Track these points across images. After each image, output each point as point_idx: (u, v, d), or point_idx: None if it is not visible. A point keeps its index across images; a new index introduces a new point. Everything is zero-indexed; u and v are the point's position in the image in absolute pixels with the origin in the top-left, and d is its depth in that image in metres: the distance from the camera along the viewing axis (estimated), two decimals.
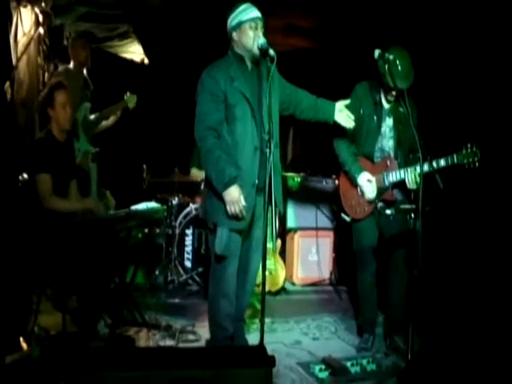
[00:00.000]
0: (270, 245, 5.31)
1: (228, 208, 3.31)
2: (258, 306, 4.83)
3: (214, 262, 3.54)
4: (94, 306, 3.62)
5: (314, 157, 6.87)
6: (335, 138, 4.11)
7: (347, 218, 4.10)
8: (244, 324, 3.87)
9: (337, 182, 5.88)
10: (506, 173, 4.19)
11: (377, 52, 3.64)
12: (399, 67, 3.65)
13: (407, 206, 3.60)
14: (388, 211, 3.76)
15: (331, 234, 5.97)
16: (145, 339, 3.93)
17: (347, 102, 3.81)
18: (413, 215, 3.35)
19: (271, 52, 3.20)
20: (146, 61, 7.10)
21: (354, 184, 4.03)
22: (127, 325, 4.08)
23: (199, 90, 3.42)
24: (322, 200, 5.95)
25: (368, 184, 3.96)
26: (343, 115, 3.78)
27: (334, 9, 5.13)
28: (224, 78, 3.35)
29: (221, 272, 3.51)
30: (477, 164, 3.49)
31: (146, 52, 6.78)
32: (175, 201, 5.56)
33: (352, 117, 3.79)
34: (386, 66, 3.60)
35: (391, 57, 3.63)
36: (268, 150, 3.06)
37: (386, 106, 4.02)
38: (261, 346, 2.86)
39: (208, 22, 5.44)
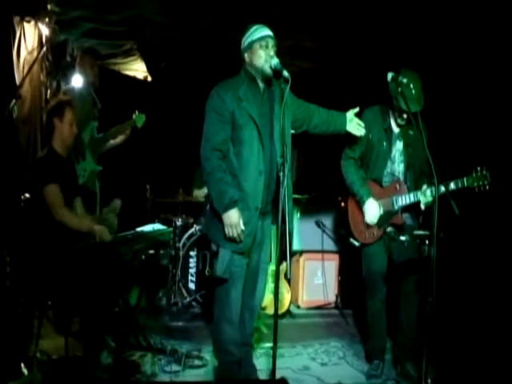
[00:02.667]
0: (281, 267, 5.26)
1: (226, 231, 3.27)
2: (265, 330, 4.75)
3: (217, 285, 3.47)
4: (97, 329, 3.51)
5: (318, 178, 6.82)
6: (343, 160, 4.07)
7: (356, 243, 4.04)
8: (251, 349, 3.78)
9: (343, 204, 5.78)
10: None
11: (390, 75, 3.62)
12: (413, 91, 3.63)
13: (421, 232, 3.54)
14: (403, 237, 3.70)
15: (337, 256, 5.91)
16: (150, 364, 3.82)
17: (356, 110, 3.78)
18: (427, 241, 3.28)
19: (285, 73, 3.16)
20: (149, 78, 7.06)
21: (362, 206, 3.97)
22: (132, 349, 3.97)
23: (207, 109, 3.37)
24: (328, 222, 5.90)
25: (372, 211, 3.91)
26: (354, 124, 3.76)
27: (342, 29, 5.11)
28: (232, 98, 3.30)
29: (224, 295, 3.43)
30: (487, 187, 3.46)
31: (150, 69, 6.74)
32: (179, 222, 5.48)
33: (362, 124, 3.77)
34: (399, 89, 3.56)
35: (405, 80, 3.61)
36: (282, 174, 3.01)
37: (395, 130, 3.98)
38: (282, 380, 2.78)
39: (213, 38, 5.42)
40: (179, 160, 6.93)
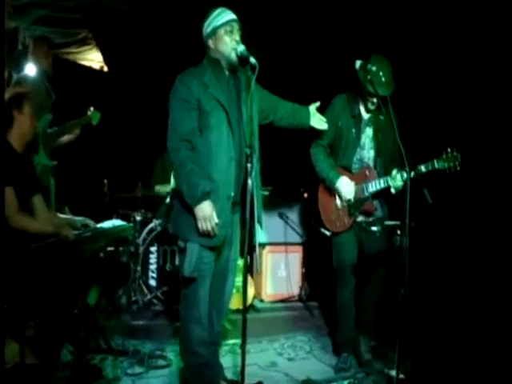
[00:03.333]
0: (240, 262, 5.16)
1: (199, 225, 3.11)
2: (228, 327, 4.63)
3: (183, 284, 3.29)
4: (55, 333, 3.29)
5: (281, 170, 6.72)
6: (312, 147, 4.02)
7: (327, 233, 3.99)
8: (218, 348, 3.66)
9: (305, 195, 5.82)
10: (491, 181, 4.11)
11: (358, 63, 3.57)
12: (382, 78, 3.58)
13: (392, 223, 3.49)
14: (374, 228, 3.65)
15: (300, 248, 5.82)
16: (111, 367, 3.65)
17: (317, 104, 3.73)
18: (398, 232, 3.21)
19: (252, 60, 3.04)
20: (106, 68, 6.80)
21: (333, 190, 3.93)
22: (92, 352, 3.79)
23: (172, 98, 3.21)
24: (291, 214, 5.82)
25: (347, 186, 3.86)
26: (316, 119, 3.72)
27: (303, 17, 4.99)
28: (198, 84, 3.16)
29: (191, 295, 3.27)
30: (458, 168, 3.44)
31: (106, 59, 6.49)
32: (138, 217, 5.29)
33: (324, 119, 3.73)
34: (368, 77, 3.49)
35: (374, 68, 3.57)
36: (250, 165, 2.89)
37: (365, 116, 3.96)
38: None
39: (173, 27, 5.22)
40: (137, 153, 6.71)
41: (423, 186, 3.15)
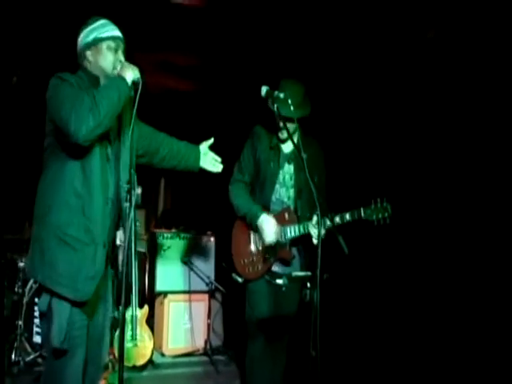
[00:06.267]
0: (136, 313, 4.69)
1: None
2: None
3: (50, 357, 2.63)
4: None
5: (187, 211, 6.34)
6: (230, 184, 3.71)
7: (239, 279, 3.62)
8: None
9: (212, 239, 5.45)
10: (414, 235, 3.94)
11: (264, 89, 3.13)
12: (291, 107, 3.12)
13: (302, 274, 3.14)
14: (279, 281, 3.29)
15: (206, 297, 5.40)
16: None
17: (211, 141, 3.24)
18: (309, 284, 2.86)
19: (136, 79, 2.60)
20: None
21: (249, 232, 3.60)
22: None
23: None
24: (196, 259, 5.44)
25: (270, 224, 3.48)
26: (208, 159, 3.21)
27: (217, 45, 4.68)
28: None
29: (58, 370, 2.59)
30: (387, 221, 3.16)
31: None
32: (21, 263, 4.67)
33: (219, 159, 3.23)
34: (276, 106, 3.12)
35: (281, 95, 3.14)
36: (128, 204, 2.46)
37: (285, 150, 3.64)
38: None
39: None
40: (24, 189, 6.07)
41: (338, 233, 2.77)
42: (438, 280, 3.79)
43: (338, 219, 3.25)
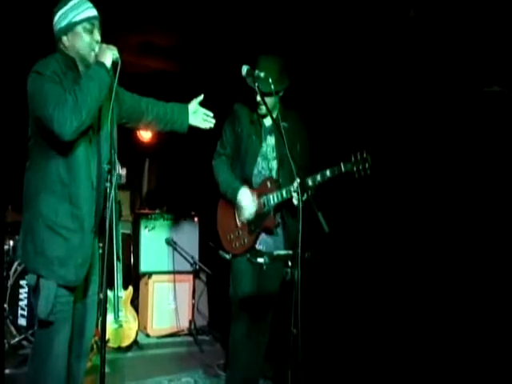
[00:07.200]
0: (120, 294, 4.68)
1: None
2: (108, 369, 4.06)
3: (38, 330, 2.71)
4: None
5: (171, 192, 6.30)
6: (214, 159, 3.72)
7: (227, 256, 3.60)
8: None
9: (196, 219, 5.44)
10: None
11: (245, 69, 3.13)
12: (272, 86, 3.11)
13: (283, 252, 3.12)
14: (260, 259, 3.27)
15: (190, 278, 5.40)
16: None
17: (200, 98, 3.22)
18: (290, 263, 2.85)
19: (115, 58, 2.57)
20: None
21: (232, 207, 3.58)
22: None
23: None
24: (180, 240, 5.40)
25: (247, 200, 3.48)
26: (199, 116, 3.20)
27: (198, 24, 4.61)
28: None
29: (46, 343, 2.67)
30: (368, 171, 3.16)
31: None
32: (7, 245, 4.66)
33: (211, 114, 3.23)
34: (256, 84, 3.11)
35: (262, 74, 3.14)
36: (109, 185, 2.43)
37: (266, 123, 3.64)
38: None
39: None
40: (6, 172, 6.01)
41: (317, 209, 2.70)
42: (422, 258, 3.78)
43: (318, 177, 3.26)
